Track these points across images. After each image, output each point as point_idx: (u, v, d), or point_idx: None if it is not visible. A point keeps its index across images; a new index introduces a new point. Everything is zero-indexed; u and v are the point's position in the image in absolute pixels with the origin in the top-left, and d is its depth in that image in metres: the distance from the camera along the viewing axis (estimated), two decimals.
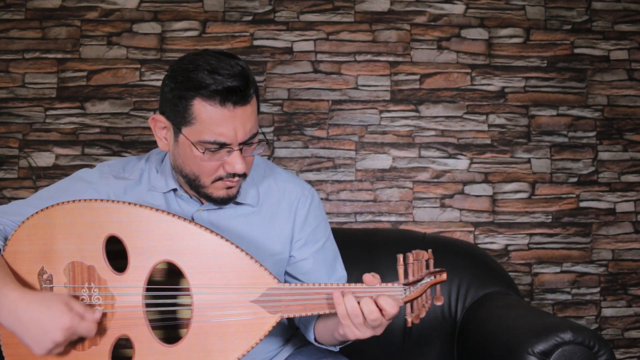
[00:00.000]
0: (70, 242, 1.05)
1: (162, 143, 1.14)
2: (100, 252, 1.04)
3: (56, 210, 1.06)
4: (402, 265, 1.00)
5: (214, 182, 1.10)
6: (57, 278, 1.05)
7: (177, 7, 2.17)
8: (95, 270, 1.04)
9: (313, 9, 2.20)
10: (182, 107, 1.05)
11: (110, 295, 1.04)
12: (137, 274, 1.03)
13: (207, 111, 1.04)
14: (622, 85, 2.24)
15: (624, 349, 2.19)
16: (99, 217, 1.04)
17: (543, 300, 2.18)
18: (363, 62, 2.19)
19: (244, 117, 1.06)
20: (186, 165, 1.10)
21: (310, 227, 1.25)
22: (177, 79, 1.07)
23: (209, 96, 1.03)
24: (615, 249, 2.21)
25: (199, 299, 1.02)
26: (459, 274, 1.72)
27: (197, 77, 1.04)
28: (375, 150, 2.18)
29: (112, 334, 1.03)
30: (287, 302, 1.01)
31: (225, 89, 1.03)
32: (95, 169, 1.23)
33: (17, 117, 2.12)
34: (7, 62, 2.13)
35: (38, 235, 1.05)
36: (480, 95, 2.21)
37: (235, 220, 1.20)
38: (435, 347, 1.68)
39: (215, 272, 1.03)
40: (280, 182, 1.26)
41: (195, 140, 1.06)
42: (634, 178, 2.23)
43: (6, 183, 2.09)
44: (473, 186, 2.19)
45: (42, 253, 1.05)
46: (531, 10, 2.24)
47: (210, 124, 1.04)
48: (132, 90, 2.15)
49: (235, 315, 1.02)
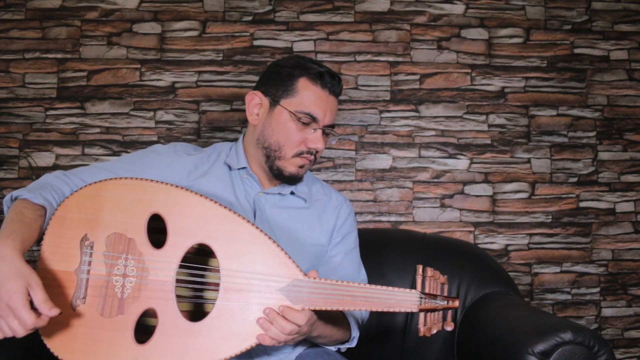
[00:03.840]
0: (115, 215, 1.11)
1: (252, 117, 1.30)
2: (142, 227, 1.10)
3: (107, 185, 1.12)
4: (420, 275, 1.06)
5: (293, 157, 1.27)
6: (98, 245, 1.10)
7: (177, 7, 2.17)
8: (135, 243, 1.10)
9: (313, 9, 2.20)
10: (288, 82, 1.26)
11: (145, 268, 1.09)
12: (173, 251, 1.09)
13: (310, 88, 1.26)
14: (622, 85, 2.24)
15: (623, 349, 2.19)
16: (145, 196, 1.11)
17: (543, 300, 2.18)
18: (363, 62, 2.19)
19: (334, 106, 1.29)
20: (274, 135, 1.26)
21: (345, 230, 1.40)
22: (288, 62, 1.29)
23: (313, 77, 1.26)
24: (615, 249, 2.21)
25: (226, 281, 1.07)
26: (459, 274, 1.72)
27: (306, 63, 1.28)
28: (375, 150, 2.18)
29: (140, 305, 1.08)
30: (309, 294, 1.06)
31: (328, 73, 1.26)
32: (169, 146, 1.35)
33: (17, 117, 2.12)
34: (7, 62, 2.13)
35: (87, 204, 1.11)
36: (480, 95, 2.21)
37: (290, 209, 1.34)
38: (435, 347, 1.68)
39: (245, 258, 1.08)
40: (327, 189, 1.44)
41: (293, 109, 1.24)
42: (634, 178, 2.23)
43: (6, 183, 2.09)
44: (473, 186, 2.19)
45: (88, 221, 1.11)
46: (531, 10, 2.24)
47: (309, 98, 1.25)
48: (132, 90, 2.15)
49: (258, 302, 1.06)
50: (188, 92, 2.15)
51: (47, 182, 1.18)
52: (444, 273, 1.11)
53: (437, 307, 1.05)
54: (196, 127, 2.15)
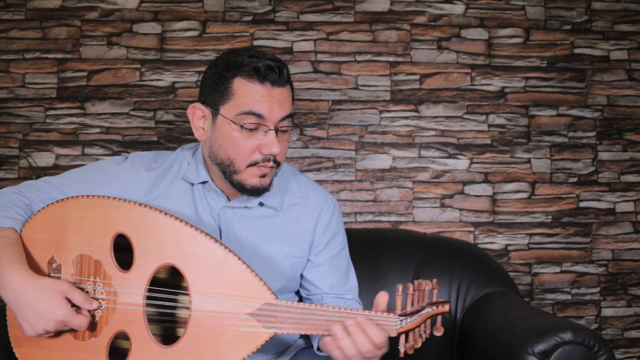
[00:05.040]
0: (80, 236, 1.08)
1: (199, 133, 1.18)
2: (108, 248, 1.07)
3: (70, 203, 1.09)
4: (400, 296, 1.01)
5: (248, 167, 1.13)
6: (66, 268, 1.08)
7: (177, 7, 2.17)
8: (102, 265, 1.07)
9: (313, 9, 2.20)
10: (222, 87, 1.12)
11: (113, 292, 1.06)
12: (141, 274, 1.06)
13: (247, 86, 1.10)
14: (622, 85, 2.24)
15: (624, 349, 2.19)
16: (109, 215, 1.07)
17: (543, 300, 2.18)
18: (363, 62, 2.19)
19: (281, 98, 1.12)
20: (222, 150, 1.13)
21: (329, 234, 1.30)
22: (219, 65, 1.14)
23: (248, 74, 1.10)
24: (615, 249, 2.21)
25: (197, 305, 1.04)
26: (459, 274, 1.72)
27: (238, 60, 1.12)
28: (375, 150, 2.18)
29: (111, 328, 1.06)
30: (282, 319, 1.02)
31: (264, 66, 1.10)
32: (127, 159, 1.25)
33: (17, 117, 2.12)
34: (7, 62, 2.13)
35: (51, 225, 1.09)
36: (480, 95, 2.21)
37: (259, 220, 1.23)
38: (435, 347, 1.67)
39: (215, 281, 1.04)
40: (304, 189, 1.30)
41: (232, 115, 1.11)
42: (634, 178, 2.23)
43: (6, 183, 2.09)
44: (473, 186, 2.19)
45: (53, 242, 1.09)
46: (531, 10, 2.24)
47: (249, 97, 1.10)
48: (132, 90, 2.15)
49: (230, 325, 1.03)
50: (188, 92, 2.15)
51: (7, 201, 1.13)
52: (444, 273, 1.11)
53: (425, 318, 1.02)
54: None
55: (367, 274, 1.58)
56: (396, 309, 1.01)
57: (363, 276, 1.62)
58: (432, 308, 1.04)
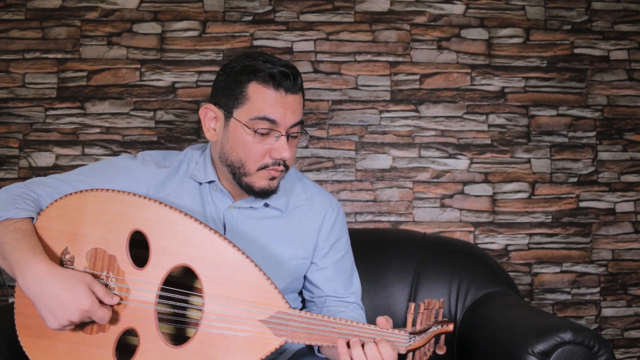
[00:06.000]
0: (96, 229, 1.07)
1: (210, 133, 1.19)
2: (124, 244, 1.07)
3: (88, 196, 1.08)
4: (412, 314, 1.03)
5: (258, 170, 1.15)
6: (79, 261, 1.08)
7: (177, 7, 2.17)
8: (116, 261, 1.07)
9: (313, 9, 2.20)
10: (237, 91, 1.14)
11: (125, 288, 1.06)
12: (155, 272, 1.06)
13: (261, 92, 1.12)
14: (622, 85, 2.24)
15: (624, 349, 2.19)
16: (128, 210, 1.07)
17: (543, 300, 2.18)
18: (363, 62, 2.19)
19: (294, 105, 1.15)
20: (234, 152, 1.15)
21: (334, 237, 1.31)
22: (234, 68, 1.16)
23: (264, 79, 1.12)
24: (615, 249, 2.21)
25: (209, 308, 1.04)
26: (459, 274, 1.72)
27: (253, 64, 1.14)
28: (375, 150, 2.18)
29: (121, 324, 1.05)
30: (293, 327, 1.02)
31: (280, 73, 1.12)
32: (137, 156, 1.26)
33: (17, 117, 2.12)
34: (7, 62, 2.13)
35: (68, 216, 1.08)
36: (480, 95, 2.21)
37: (264, 220, 1.25)
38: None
39: (230, 285, 1.04)
40: (309, 192, 1.32)
41: (246, 119, 1.13)
42: (634, 178, 2.23)
43: (6, 183, 2.09)
44: (473, 186, 2.19)
45: (68, 234, 1.08)
46: (531, 10, 2.24)
47: (263, 102, 1.12)
48: (132, 90, 2.15)
49: (241, 330, 1.03)
50: (188, 92, 2.15)
51: (15, 194, 1.13)
52: (444, 273, 1.12)
53: (430, 337, 1.03)
54: (196, 127, 2.15)
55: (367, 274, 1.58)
56: (407, 326, 1.03)
57: (363, 276, 1.62)
58: (437, 327, 1.05)
